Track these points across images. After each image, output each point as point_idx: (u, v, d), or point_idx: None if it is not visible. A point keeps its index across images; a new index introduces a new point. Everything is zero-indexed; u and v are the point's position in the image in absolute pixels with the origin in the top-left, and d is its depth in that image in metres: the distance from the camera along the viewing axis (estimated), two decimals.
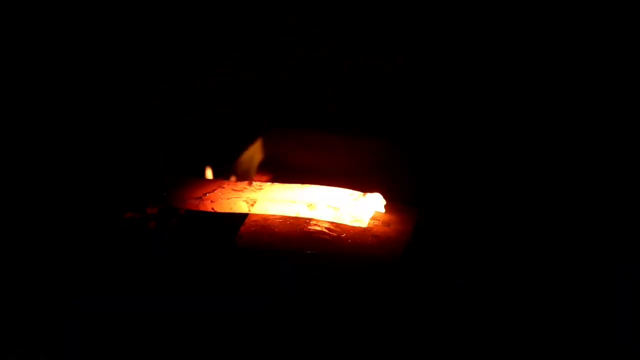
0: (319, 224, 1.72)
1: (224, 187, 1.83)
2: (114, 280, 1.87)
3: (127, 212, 2.02)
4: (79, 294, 1.85)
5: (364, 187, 1.82)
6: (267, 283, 1.68)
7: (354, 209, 1.72)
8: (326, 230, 1.70)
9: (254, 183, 1.84)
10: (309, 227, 1.71)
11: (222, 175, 2.20)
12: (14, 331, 1.77)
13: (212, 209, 1.81)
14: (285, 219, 1.75)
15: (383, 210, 1.78)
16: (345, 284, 1.67)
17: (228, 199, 1.78)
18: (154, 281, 1.85)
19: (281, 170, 2.25)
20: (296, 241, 1.65)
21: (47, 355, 1.71)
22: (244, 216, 1.79)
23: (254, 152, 2.32)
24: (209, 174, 2.17)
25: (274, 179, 2.14)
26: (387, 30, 2.31)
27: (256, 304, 1.69)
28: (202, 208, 1.81)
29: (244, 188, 1.81)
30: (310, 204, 1.73)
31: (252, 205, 1.77)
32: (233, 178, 2.22)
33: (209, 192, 1.82)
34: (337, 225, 1.72)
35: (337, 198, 1.75)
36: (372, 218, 1.76)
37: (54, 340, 1.75)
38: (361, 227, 1.71)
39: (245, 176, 2.26)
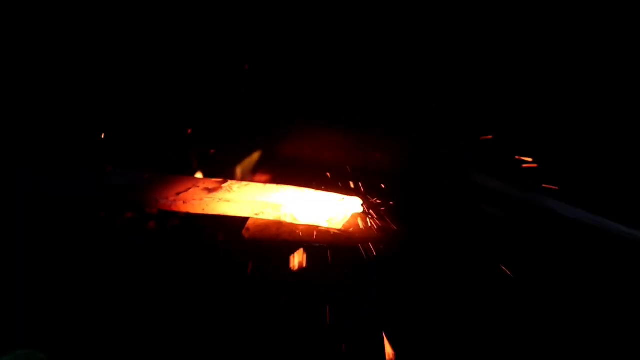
0: None
1: (197, 186, 1.82)
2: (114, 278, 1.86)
3: (127, 212, 2.01)
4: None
5: (348, 188, 1.83)
6: (274, 276, 1.68)
7: (329, 210, 1.71)
8: None
9: (228, 182, 1.83)
10: None
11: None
12: (14, 331, 1.76)
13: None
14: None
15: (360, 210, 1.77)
16: (348, 279, 1.67)
17: (200, 199, 1.78)
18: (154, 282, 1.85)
19: (279, 168, 2.24)
20: (304, 233, 1.66)
21: (47, 355, 1.69)
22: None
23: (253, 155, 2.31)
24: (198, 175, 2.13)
25: (273, 178, 2.14)
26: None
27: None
28: (174, 209, 1.80)
29: (218, 187, 1.81)
30: (276, 206, 1.71)
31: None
32: (200, 174, 2.19)
33: (182, 192, 1.80)
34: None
35: (312, 200, 1.74)
36: (350, 221, 1.75)
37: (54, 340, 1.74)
38: (340, 228, 1.71)
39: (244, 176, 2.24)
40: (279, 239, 1.63)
